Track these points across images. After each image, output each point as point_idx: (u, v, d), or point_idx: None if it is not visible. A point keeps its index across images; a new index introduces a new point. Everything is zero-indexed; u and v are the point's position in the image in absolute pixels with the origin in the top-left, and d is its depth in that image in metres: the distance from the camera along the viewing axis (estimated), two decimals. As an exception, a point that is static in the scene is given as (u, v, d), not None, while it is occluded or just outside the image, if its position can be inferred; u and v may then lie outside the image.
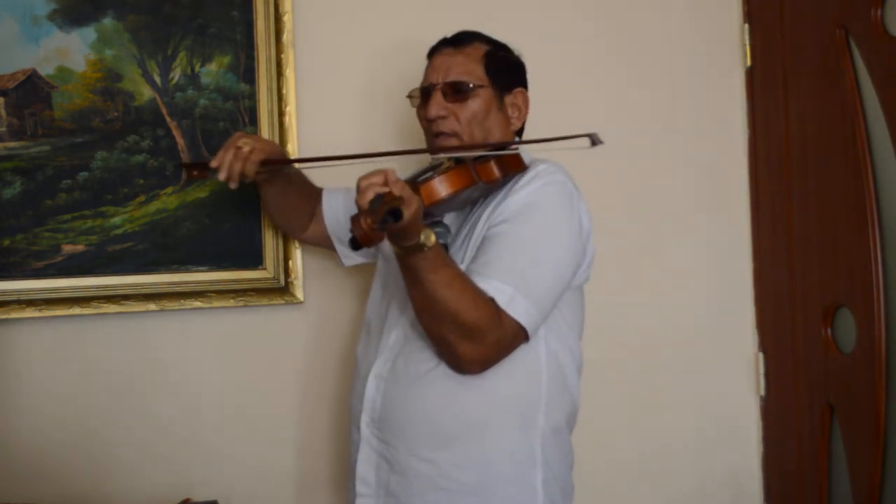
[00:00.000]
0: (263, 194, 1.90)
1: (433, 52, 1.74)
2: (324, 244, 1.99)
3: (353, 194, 1.37)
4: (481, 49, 1.71)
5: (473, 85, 1.66)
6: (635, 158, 2.34)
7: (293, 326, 2.13)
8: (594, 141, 1.55)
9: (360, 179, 1.37)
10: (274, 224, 2.05)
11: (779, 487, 2.37)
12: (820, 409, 2.19)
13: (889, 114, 1.97)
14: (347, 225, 1.87)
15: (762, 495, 2.42)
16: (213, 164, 1.70)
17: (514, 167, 1.59)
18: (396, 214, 1.30)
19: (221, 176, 1.69)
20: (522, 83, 1.76)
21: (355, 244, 1.27)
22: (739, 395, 2.42)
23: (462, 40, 1.71)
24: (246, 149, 1.69)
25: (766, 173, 2.36)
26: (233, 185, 1.71)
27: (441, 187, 1.50)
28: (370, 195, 1.33)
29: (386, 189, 1.34)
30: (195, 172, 1.79)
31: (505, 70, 1.72)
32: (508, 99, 1.72)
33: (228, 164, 1.68)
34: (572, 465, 1.69)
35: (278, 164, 1.78)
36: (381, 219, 1.27)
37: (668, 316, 2.36)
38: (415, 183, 1.49)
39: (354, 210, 1.36)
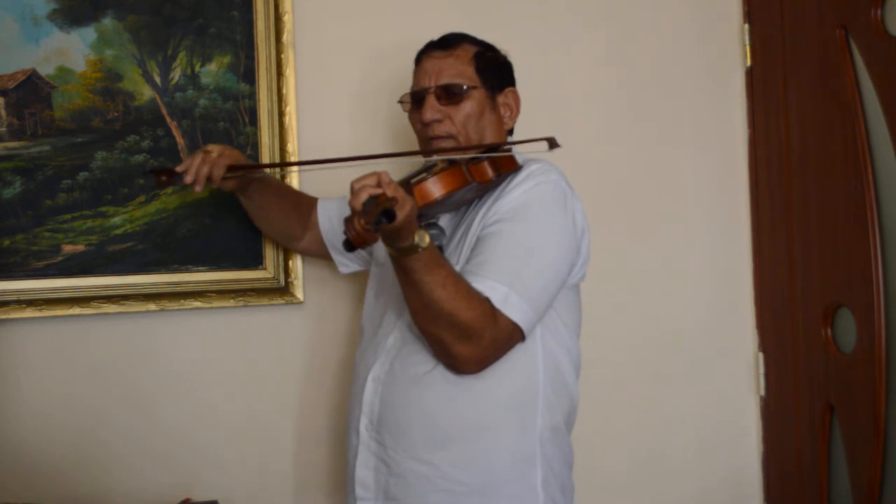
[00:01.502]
0: (244, 204, 1.92)
1: (421, 56, 1.74)
2: (321, 254, 2.00)
3: (346, 201, 1.37)
4: (470, 50, 1.71)
5: (467, 87, 1.66)
6: (635, 158, 2.34)
7: (293, 326, 2.13)
8: (552, 144, 1.59)
9: (353, 182, 1.37)
10: (267, 235, 2.06)
11: (779, 487, 2.37)
12: (820, 409, 2.19)
13: (889, 114, 1.97)
14: (342, 230, 1.88)
15: (762, 495, 2.42)
16: (180, 168, 1.72)
17: (508, 167, 1.59)
18: (390, 215, 1.30)
19: (188, 179, 1.70)
20: (512, 82, 1.77)
21: (349, 245, 1.28)
22: (739, 395, 2.42)
23: (450, 43, 1.71)
24: (214, 154, 1.72)
25: (766, 173, 2.36)
26: (197, 188, 1.72)
27: (435, 188, 1.50)
28: (363, 196, 1.33)
29: (379, 190, 1.34)
30: (164, 178, 1.78)
31: (495, 70, 1.72)
32: (500, 99, 1.72)
33: (196, 167, 1.70)
34: (572, 464, 1.69)
35: (245, 169, 1.79)
36: (374, 220, 1.27)
37: (668, 316, 2.36)
38: (408, 184, 1.49)
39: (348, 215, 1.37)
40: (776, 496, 2.38)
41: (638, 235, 2.34)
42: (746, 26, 2.39)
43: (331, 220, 1.94)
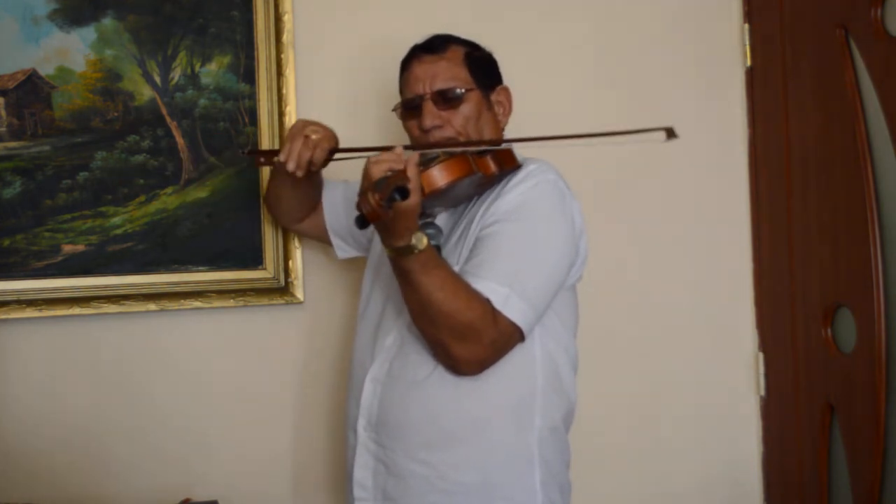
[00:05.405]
0: (278, 183, 1.85)
1: (410, 62, 1.71)
2: (316, 235, 1.98)
3: (352, 186, 1.36)
4: (460, 52, 1.69)
5: (464, 90, 1.65)
6: (635, 158, 2.34)
7: (293, 326, 2.13)
8: (670, 133, 1.54)
9: (370, 158, 1.38)
10: (270, 211, 2.02)
11: (779, 487, 2.37)
12: (820, 409, 2.19)
13: (889, 114, 1.97)
14: (345, 218, 1.87)
15: (762, 495, 2.42)
16: (282, 157, 1.64)
17: (509, 164, 1.59)
18: (403, 192, 1.32)
19: (290, 167, 1.63)
20: (501, 79, 1.76)
21: (362, 221, 1.31)
22: (739, 395, 2.42)
23: (438, 46, 1.69)
24: (314, 137, 1.64)
25: (766, 173, 2.36)
26: (300, 174, 1.65)
27: (440, 175, 1.49)
28: (380, 172, 1.35)
29: (400, 166, 1.36)
30: (262, 160, 1.76)
31: (486, 69, 1.72)
32: (493, 97, 1.72)
33: (297, 153, 1.62)
34: (570, 463, 1.69)
35: (346, 152, 1.69)
36: (388, 196, 1.29)
37: (667, 316, 2.36)
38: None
39: (353, 202, 1.38)
40: (776, 496, 2.38)
41: (637, 235, 2.34)
42: (746, 26, 2.39)
43: (334, 204, 1.91)
